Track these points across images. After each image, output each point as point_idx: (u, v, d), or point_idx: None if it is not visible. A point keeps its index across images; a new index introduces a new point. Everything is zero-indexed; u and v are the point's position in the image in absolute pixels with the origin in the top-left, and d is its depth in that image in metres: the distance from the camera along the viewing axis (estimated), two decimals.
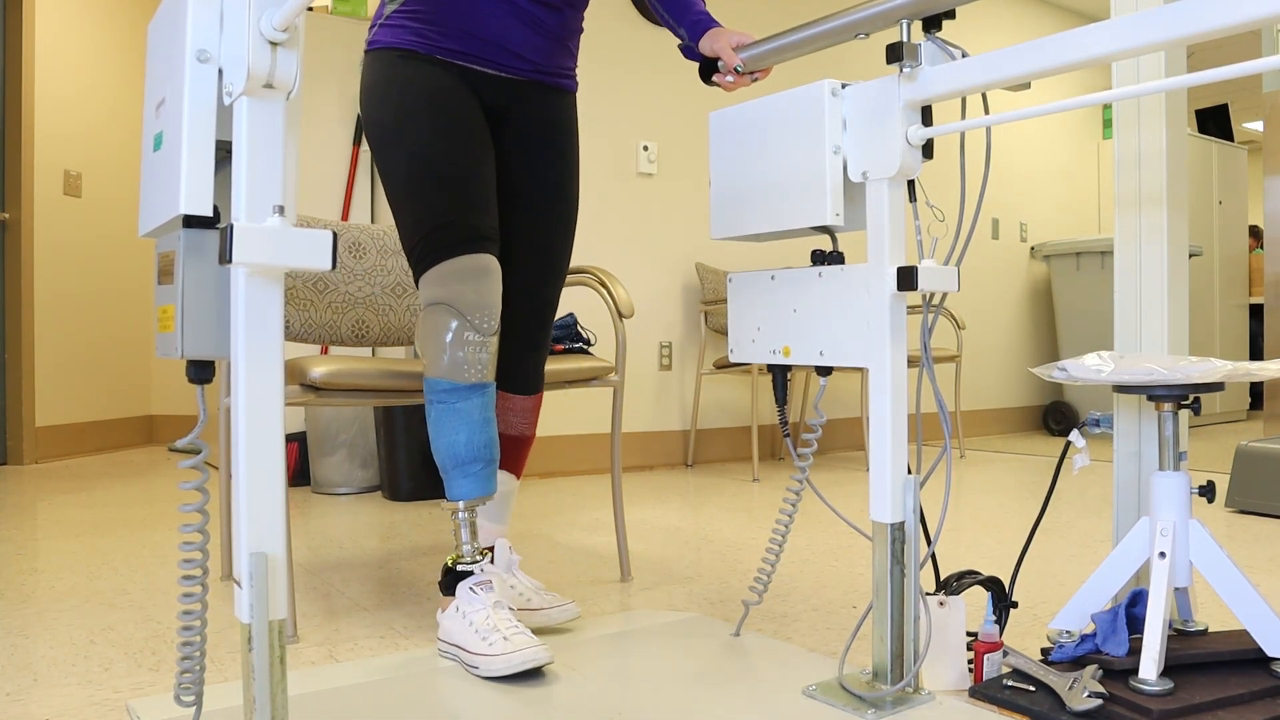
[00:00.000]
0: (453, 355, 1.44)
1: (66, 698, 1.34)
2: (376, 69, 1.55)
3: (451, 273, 1.45)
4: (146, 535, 2.51)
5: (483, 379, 1.47)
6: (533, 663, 1.34)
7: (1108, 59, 1.05)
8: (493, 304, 1.47)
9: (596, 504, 3.02)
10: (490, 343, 1.47)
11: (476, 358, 1.45)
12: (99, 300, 4.45)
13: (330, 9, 3.70)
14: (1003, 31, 5.43)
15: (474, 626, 1.40)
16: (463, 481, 1.48)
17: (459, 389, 1.45)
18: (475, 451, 1.47)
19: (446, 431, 1.46)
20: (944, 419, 1.30)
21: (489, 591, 1.45)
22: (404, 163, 1.50)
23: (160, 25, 1.02)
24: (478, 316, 1.45)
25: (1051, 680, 1.21)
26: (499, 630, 1.38)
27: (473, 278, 1.46)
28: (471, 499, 1.48)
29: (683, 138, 4.01)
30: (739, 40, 1.53)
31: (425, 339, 1.46)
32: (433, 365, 1.46)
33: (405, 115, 1.51)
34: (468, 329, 1.45)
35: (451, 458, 1.47)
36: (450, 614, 1.46)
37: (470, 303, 1.44)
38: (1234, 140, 6.05)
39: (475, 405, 1.46)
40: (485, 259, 1.48)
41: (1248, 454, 2.76)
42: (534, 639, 1.37)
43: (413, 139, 1.50)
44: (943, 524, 1.66)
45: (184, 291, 0.95)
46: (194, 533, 1.01)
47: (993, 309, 5.31)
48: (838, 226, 1.33)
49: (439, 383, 1.46)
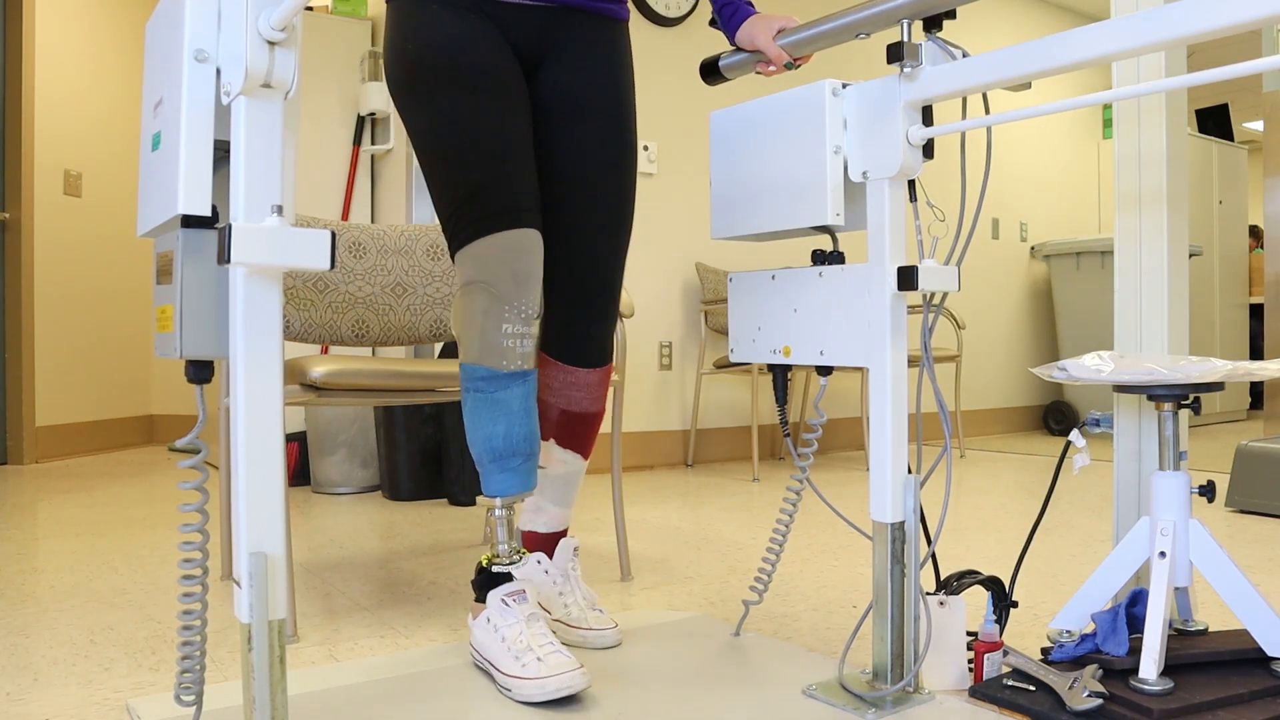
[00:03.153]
0: (492, 341, 1.34)
1: (66, 698, 1.33)
2: (396, 21, 1.43)
3: (489, 251, 1.35)
4: (146, 535, 2.51)
5: (524, 367, 1.37)
6: (568, 689, 1.24)
7: (1108, 59, 1.05)
8: (534, 286, 1.37)
9: (596, 504, 3.02)
10: (533, 328, 1.37)
11: (518, 344, 1.36)
12: (99, 300, 4.45)
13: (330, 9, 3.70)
14: (1003, 31, 5.43)
15: (506, 643, 1.31)
16: (500, 476, 1.38)
17: (498, 376, 1.36)
18: (514, 445, 1.37)
19: (484, 422, 1.36)
20: (944, 419, 1.30)
21: (523, 603, 1.35)
22: (429, 125, 1.38)
23: (158, 25, 1.01)
24: (518, 300, 1.35)
25: (1051, 680, 1.21)
26: (533, 650, 1.29)
27: (511, 256, 1.35)
28: (510, 495, 1.39)
29: (683, 138, 4.01)
30: (780, 25, 1.42)
31: (462, 321, 1.37)
32: (470, 350, 1.36)
33: (427, 71, 1.38)
34: (508, 313, 1.35)
35: (489, 450, 1.37)
36: (481, 624, 1.37)
37: (509, 286, 1.34)
38: (1234, 140, 6.05)
39: (515, 395, 1.37)
40: (524, 235, 1.37)
41: (1248, 454, 2.76)
42: (571, 660, 1.27)
43: (437, 98, 1.37)
44: (943, 524, 1.65)
45: (183, 291, 0.95)
46: (194, 532, 1.01)
47: (993, 309, 5.30)
48: (838, 226, 1.33)
49: (477, 369, 1.36)
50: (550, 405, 1.57)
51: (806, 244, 4.36)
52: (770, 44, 1.44)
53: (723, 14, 1.51)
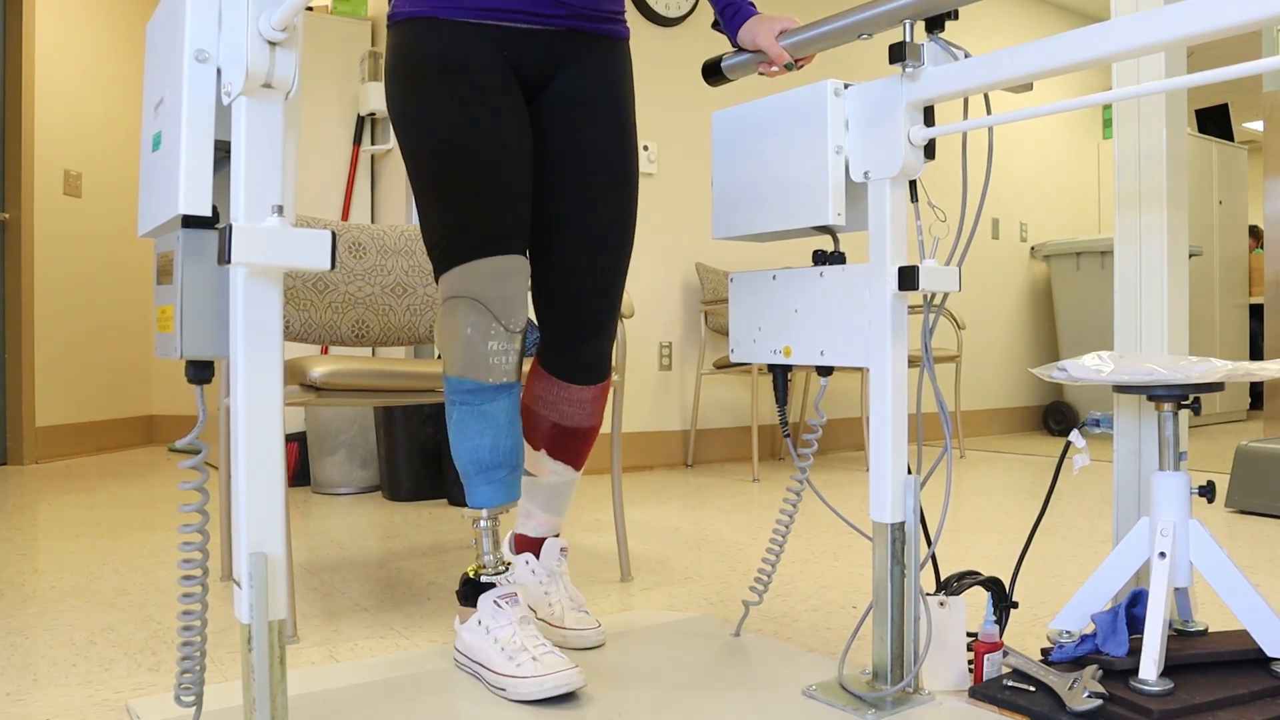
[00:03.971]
0: (478, 353, 1.34)
1: (66, 698, 1.33)
2: (396, 45, 1.42)
3: (475, 273, 1.35)
4: (146, 535, 2.50)
5: (509, 379, 1.37)
6: (566, 687, 1.25)
7: (1108, 59, 1.05)
8: (520, 302, 1.37)
9: (596, 504, 3.02)
10: (517, 341, 1.37)
11: (503, 357, 1.36)
12: (99, 300, 4.45)
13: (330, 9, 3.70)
14: (1003, 32, 5.43)
15: (499, 644, 1.31)
16: (486, 488, 1.38)
17: (484, 389, 1.35)
18: (500, 456, 1.37)
19: (471, 435, 1.36)
20: (944, 419, 1.30)
21: (514, 605, 1.35)
22: (426, 152, 1.37)
23: (159, 25, 1.01)
24: (504, 314, 1.35)
25: (1051, 680, 1.21)
26: (527, 650, 1.29)
27: (498, 278, 1.35)
28: (495, 506, 1.38)
29: (683, 138, 4.01)
30: (782, 26, 1.42)
31: (447, 334, 1.36)
32: (454, 363, 1.36)
33: (426, 98, 1.37)
34: (494, 326, 1.34)
35: (475, 463, 1.37)
36: (471, 627, 1.37)
37: (495, 300, 1.35)
38: (1234, 140, 6.05)
39: (501, 407, 1.37)
40: (511, 261, 1.37)
41: (1248, 454, 2.76)
42: (565, 660, 1.28)
43: (434, 125, 1.36)
44: (943, 524, 1.65)
45: (183, 291, 0.95)
46: (194, 533, 1.01)
47: (993, 309, 5.30)
48: (839, 226, 1.33)
49: (462, 382, 1.35)
50: (542, 418, 1.56)
51: (807, 244, 4.36)
52: (772, 43, 1.44)
53: (724, 14, 1.52)
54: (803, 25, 1.42)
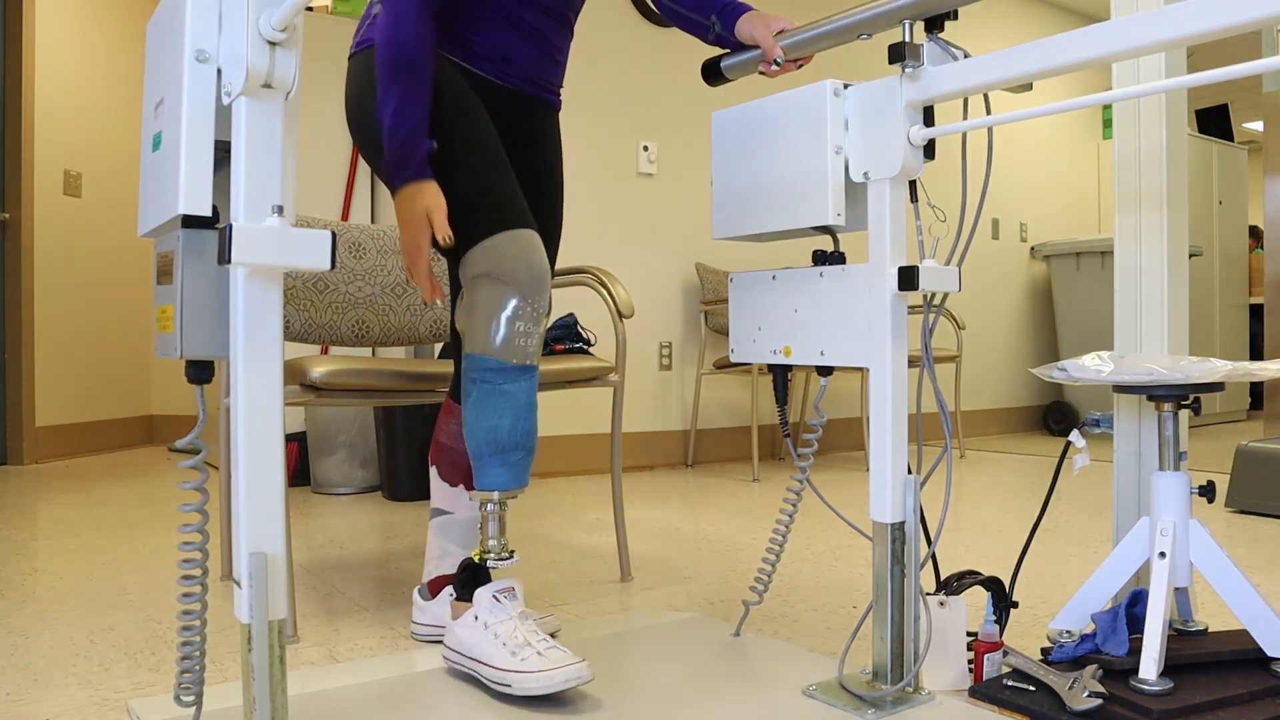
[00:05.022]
0: (506, 333, 1.34)
1: (66, 698, 1.33)
2: (367, 66, 1.45)
3: (504, 245, 1.35)
4: (146, 535, 2.50)
5: (532, 361, 1.37)
6: (575, 681, 1.22)
7: (1108, 59, 1.05)
8: (546, 284, 1.38)
9: (596, 504, 3.02)
10: (540, 327, 1.37)
11: (527, 339, 1.36)
12: (99, 300, 4.45)
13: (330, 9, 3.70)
14: (1003, 32, 5.43)
15: (500, 639, 1.29)
16: (500, 470, 1.36)
17: (508, 369, 1.35)
18: (518, 439, 1.36)
19: (490, 414, 1.35)
20: (944, 419, 1.30)
21: (513, 600, 1.33)
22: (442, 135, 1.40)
23: (159, 25, 1.01)
24: (533, 296, 1.36)
25: (1051, 680, 1.21)
26: (531, 645, 1.27)
27: (527, 252, 1.36)
28: (506, 490, 1.37)
29: (683, 138, 4.01)
30: (779, 25, 1.45)
31: (474, 312, 1.36)
32: (480, 341, 1.35)
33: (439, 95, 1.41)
34: (524, 307, 1.35)
35: (491, 443, 1.35)
36: (466, 623, 1.33)
37: (525, 281, 1.35)
38: (1234, 140, 6.05)
39: (522, 389, 1.36)
40: (534, 235, 1.39)
41: (1248, 454, 2.76)
42: (570, 654, 1.26)
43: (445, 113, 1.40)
44: (943, 524, 1.65)
45: (183, 292, 0.95)
46: (194, 533, 1.01)
47: (993, 309, 5.30)
48: (839, 226, 1.33)
49: (486, 360, 1.35)
50: (460, 453, 1.56)
51: (807, 244, 4.36)
52: (769, 39, 1.45)
53: (722, 14, 1.54)
54: (802, 25, 1.43)
